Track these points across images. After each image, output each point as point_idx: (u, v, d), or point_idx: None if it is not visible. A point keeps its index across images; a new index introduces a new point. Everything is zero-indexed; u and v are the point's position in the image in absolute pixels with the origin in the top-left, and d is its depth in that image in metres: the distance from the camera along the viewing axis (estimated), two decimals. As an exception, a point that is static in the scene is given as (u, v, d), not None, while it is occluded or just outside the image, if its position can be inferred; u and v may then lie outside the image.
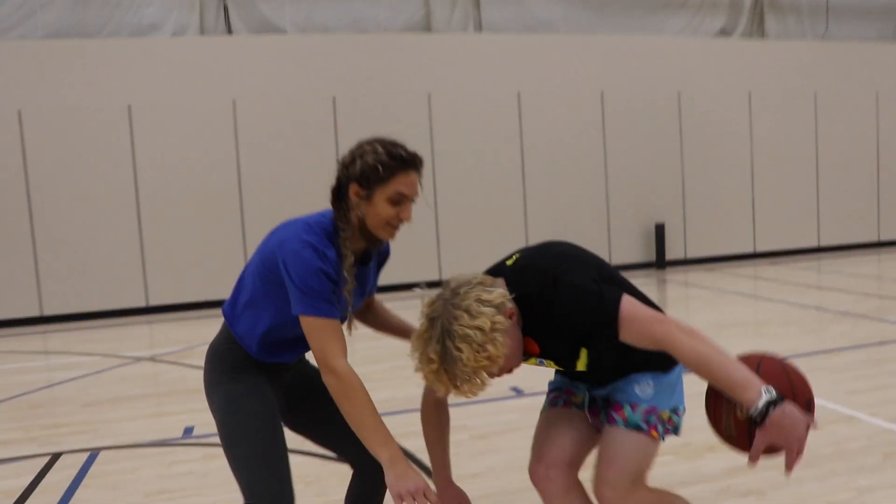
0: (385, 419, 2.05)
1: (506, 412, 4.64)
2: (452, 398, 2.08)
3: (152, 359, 6.74)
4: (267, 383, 2.22)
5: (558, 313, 2.00)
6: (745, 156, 11.83)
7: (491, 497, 3.37)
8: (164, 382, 5.88)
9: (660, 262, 11.23)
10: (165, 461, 4.04)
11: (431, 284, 9.93)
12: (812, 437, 3.56)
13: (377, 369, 5.86)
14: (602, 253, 11.04)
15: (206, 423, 4.68)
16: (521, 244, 6.83)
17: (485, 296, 1.91)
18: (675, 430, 2.31)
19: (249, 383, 2.18)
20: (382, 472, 1.97)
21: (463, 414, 4.49)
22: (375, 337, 2.75)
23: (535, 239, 9.88)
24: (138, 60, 9.37)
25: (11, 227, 8.93)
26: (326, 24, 11.45)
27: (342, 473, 3.76)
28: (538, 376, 5.11)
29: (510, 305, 1.97)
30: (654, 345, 1.95)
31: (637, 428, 2.20)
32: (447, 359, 1.86)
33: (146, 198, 9.25)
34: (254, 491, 2.06)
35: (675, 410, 2.29)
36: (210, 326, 7.79)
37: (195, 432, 4.49)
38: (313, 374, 2.34)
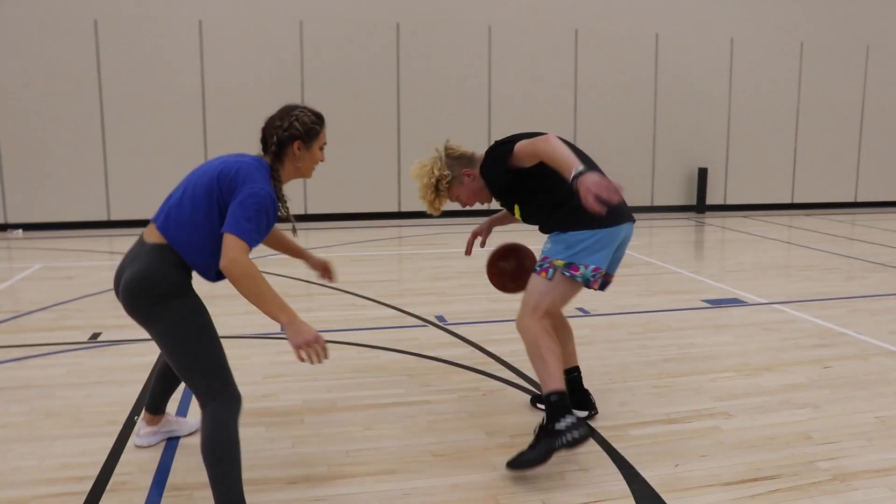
0: (460, 328, 2.54)
1: (577, 329, 5.16)
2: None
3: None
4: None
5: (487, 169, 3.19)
6: (792, 106, 12.04)
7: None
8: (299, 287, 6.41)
9: (700, 205, 11.61)
10: (272, 351, 4.58)
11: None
12: (861, 367, 4.10)
13: (447, 285, 6.40)
14: (645, 194, 11.45)
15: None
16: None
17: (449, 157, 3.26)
18: (584, 281, 3.09)
19: (195, 300, 2.65)
20: None
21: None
22: (442, 257, 3.25)
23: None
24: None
25: (85, 135, 9.40)
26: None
27: (439, 369, 4.32)
28: (599, 301, 5.65)
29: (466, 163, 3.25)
30: (530, 156, 2.95)
31: (536, 271, 3.15)
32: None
33: (212, 113, 9.67)
34: (211, 378, 2.55)
35: (570, 265, 3.07)
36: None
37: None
38: None
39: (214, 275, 2.63)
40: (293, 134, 2.68)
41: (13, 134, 9.21)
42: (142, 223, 10.05)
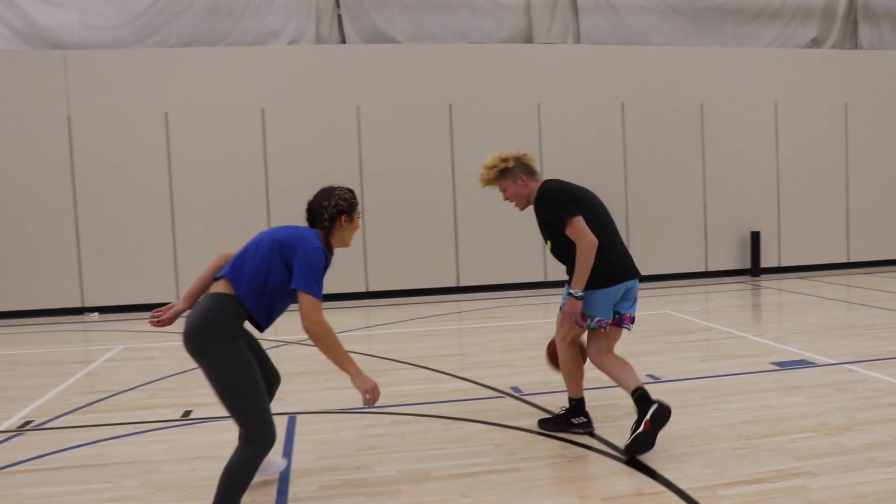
0: (536, 398, 2.74)
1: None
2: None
3: (301, 343, 7.56)
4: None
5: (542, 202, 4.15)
6: (840, 166, 12.18)
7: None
8: (318, 361, 6.64)
9: (755, 269, 11.67)
10: (359, 425, 4.79)
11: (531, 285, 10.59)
12: (888, 420, 4.11)
13: (517, 357, 6.61)
14: (699, 260, 11.58)
15: (387, 396, 5.47)
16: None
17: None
18: (592, 328, 4.20)
19: (241, 346, 3.18)
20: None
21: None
22: (508, 329, 3.46)
23: (627, 238, 10.46)
24: (267, 67, 10.31)
25: (154, 219, 9.96)
26: (434, 34, 12.27)
27: (522, 438, 4.48)
28: (668, 367, 5.73)
29: (528, 172, 4.26)
30: (573, 236, 3.98)
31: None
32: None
33: (275, 199, 10.19)
34: (254, 421, 3.17)
35: (592, 316, 4.14)
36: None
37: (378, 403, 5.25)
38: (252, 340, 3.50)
39: (261, 318, 3.28)
40: (340, 209, 3.42)
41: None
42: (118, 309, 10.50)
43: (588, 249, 3.95)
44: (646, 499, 3.52)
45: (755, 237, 11.62)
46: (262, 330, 3.34)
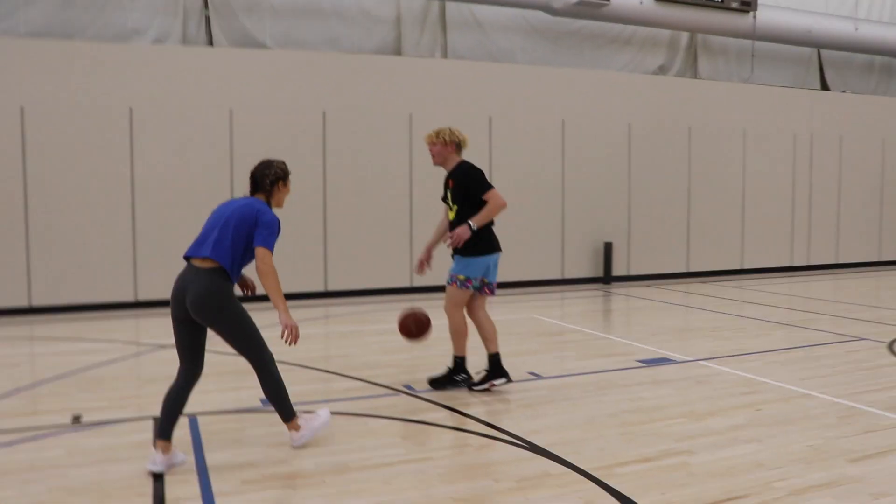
0: (430, 394, 3.10)
1: (536, 390, 5.75)
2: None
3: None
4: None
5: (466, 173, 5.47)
6: (684, 184, 13.45)
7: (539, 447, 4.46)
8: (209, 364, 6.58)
9: (606, 277, 12.63)
10: (264, 423, 4.86)
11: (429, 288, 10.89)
12: (785, 408, 4.90)
13: (401, 358, 6.86)
14: (556, 267, 12.37)
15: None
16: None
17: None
18: (470, 287, 5.46)
19: (238, 302, 4.14)
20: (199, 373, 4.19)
21: (513, 388, 5.59)
22: (385, 332, 3.83)
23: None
24: (135, 64, 9.97)
25: (5, 220, 9.33)
26: (304, 40, 12.33)
27: (427, 431, 4.72)
28: (547, 366, 6.24)
29: (455, 145, 5.58)
30: (491, 198, 5.38)
31: (448, 284, 5.52)
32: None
33: (141, 197, 9.85)
34: (264, 361, 4.21)
35: (467, 278, 5.42)
36: None
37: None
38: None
39: (237, 278, 4.19)
40: (278, 176, 4.33)
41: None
42: (67, 308, 9.94)
43: (499, 208, 5.38)
44: (552, 479, 3.90)
45: (608, 247, 12.58)
46: (244, 290, 4.44)
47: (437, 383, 5.70)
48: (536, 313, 9.61)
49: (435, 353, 6.75)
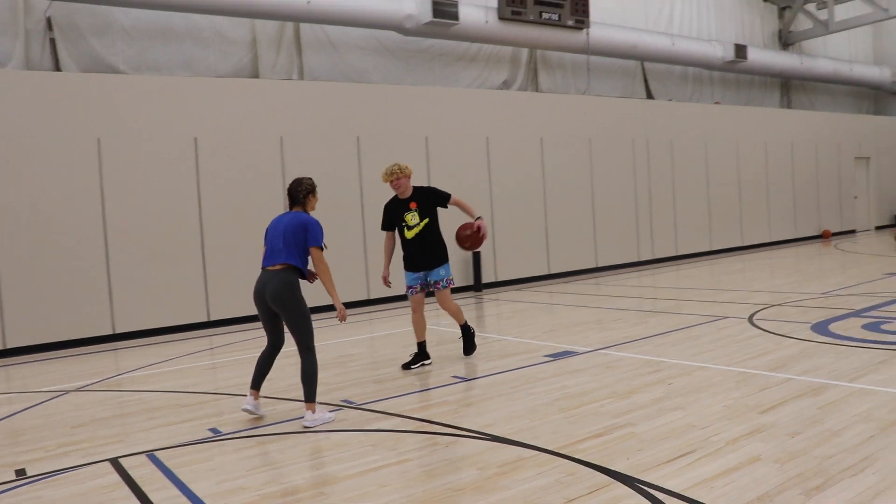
0: (374, 405, 3.59)
1: (468, 391, 6.20)
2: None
3: (80, 390, 7.14)
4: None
5: (429, 191, 7.17)
6: (540, 191, 14.46)
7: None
8: (127, 403, 6.46)
9: (477, 285, 13.34)
10: (228, 450, 4.94)
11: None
12: (690, 380, 5.73)
13: (325, 375, 7.07)
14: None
15: (230, 423, 5.64)
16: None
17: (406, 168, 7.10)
18: (452, 283, 7.20)
19: (303, 298, 5.44)
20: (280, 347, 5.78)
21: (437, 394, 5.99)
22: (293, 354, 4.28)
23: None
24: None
25: None
26: (159, 64, 12.08)
27: (390, 438, 5.05)
28: (469, 368, 6.68)
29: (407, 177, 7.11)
30: (456, 204, 7.22)
31: (444, 287, 7.12)
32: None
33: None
34: (311, 348, 5.42)
35: (450, 278, 7.17)
36: (134, 356, 8.57)
37: (222, 430, 5.42)
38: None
39: (306, 271, 5.56)
40: (308, 190, 5.66)
41: None
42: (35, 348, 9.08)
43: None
44: (528, 461, 4.37)
45: (476, 256, 13.30)
46: (311, 280, 5.70)
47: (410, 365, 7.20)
48: (429, 324, 10.04)
49: (354, 369, 7.02)
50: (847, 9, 24.20)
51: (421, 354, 7.25)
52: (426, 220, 7.02)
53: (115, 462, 4.83)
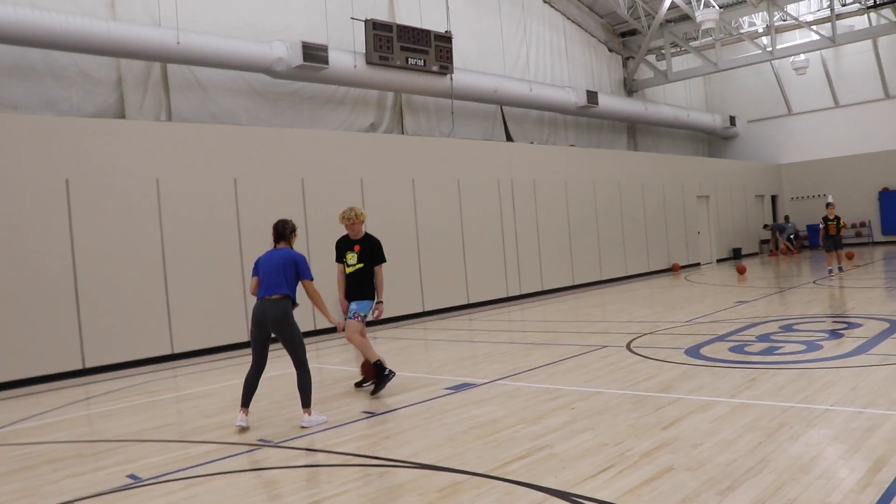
0: (292, 442, 3.96)
1: (380, 424, 6.43)
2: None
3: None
4: None
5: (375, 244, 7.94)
6: (412, 231, 14.92)
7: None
8: (20, 458, 6.14)
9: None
10: (154, 495, 4.90)
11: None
12: (591, 403, 6.57)
13: (225, 419, 7.05)
14: (309, 320, 12.96)
15: (148, 468, 5.56)
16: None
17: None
18: (364, 319, 7.87)
19: (295, 321, 6.56)
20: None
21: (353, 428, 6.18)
22: (189, 398, 4.58)
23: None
24: None
25: None
26: (17, 102, 11.57)
27: (323, 472, 5.20)
28: (374, 405, 6.97)
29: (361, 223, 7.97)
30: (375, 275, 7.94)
31: (351, 318, 7.81)
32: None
33: None
34: (305, 363, 6.52)
35: (361, 314, 7.80)
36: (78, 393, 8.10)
37: (141, 475, 5.35)
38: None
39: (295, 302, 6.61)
40: (293, 229, 6.78)
41: None
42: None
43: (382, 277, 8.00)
44: (464, 484, 4.68)
45: (358, 296, 13.51)
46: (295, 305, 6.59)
47: (377, 388, 7.70)
48: (318, 363, 10.15)
49: (260, 409, 7.07)
50: (683, 61, 26.75)
51: (379, 370, 7.86)
52: (361, 265, 7.80)
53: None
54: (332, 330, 12.61)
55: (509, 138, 20.29)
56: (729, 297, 14.64)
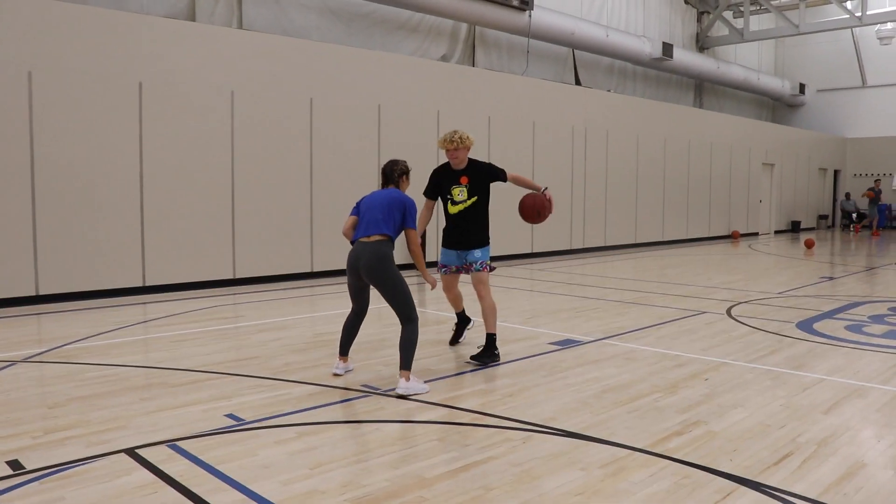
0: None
1: (496, 378, 5.78)
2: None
3: (28, 361, 6.15)
4: None
5: (485, 167, 6.40)
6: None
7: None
8: (102, 380, 5.57)
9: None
10: (269, 442, 4.27)
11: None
12: (725, 375, 5.76)
13: (321, 355, 6.43)
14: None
15: (246, 408, 4.95)
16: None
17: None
18: (488, 268, 6.35)
19: (397, 268, 5.44)
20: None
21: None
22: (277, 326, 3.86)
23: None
24: None
25: None
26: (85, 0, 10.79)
27: (451, 430, 4.57)
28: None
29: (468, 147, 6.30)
30: (515, 181, 6.63)
31: (478, 270, 6.30)
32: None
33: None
34: (411, 317, 5.36)
35: (487, 263, 6.33)
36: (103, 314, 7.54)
37: (243, 416, 4.74)
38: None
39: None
40: (402, 171, 5.72)
41: None
42: None
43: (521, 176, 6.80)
44: (626, 461, 4.01)
45: (423, 233, 12.80)
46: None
47: (482, 357, 6.34)
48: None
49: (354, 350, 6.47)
50: (759, 20, 25.36)
51: (462, 321, 7.00)
52: (474, 199, 6.28)
53: (133, 453, 4.08)
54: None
55: (578, 83, 19.28)
56: (809, 271, 13.81)
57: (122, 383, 5.56)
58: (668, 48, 20.44)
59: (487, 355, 6.28)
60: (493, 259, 7.26)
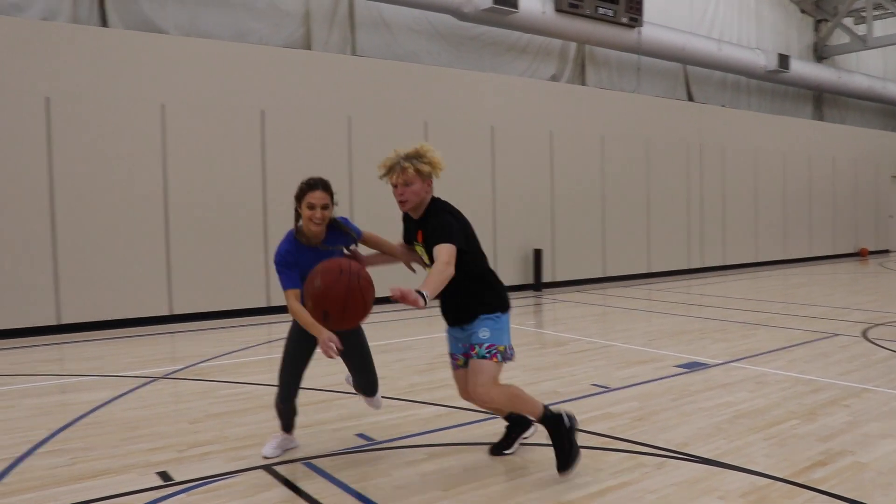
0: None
1: (621, 403, 5.68)
2: None
3: (168, 377, 6.50)
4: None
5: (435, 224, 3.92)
6: (599, 191, 14.00)
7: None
8: (233, 398, 5.83)
9: (537, 284, 12.84)
10: (396, 462, 4.36)
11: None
12: (866, 404, 5.07)
13: (439, 377, 6.51)
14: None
15: (375, 428, 5.06)
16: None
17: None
18: (510, 359, 4.02)
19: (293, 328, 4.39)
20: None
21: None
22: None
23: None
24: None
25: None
26: (209, 31, 11.40)
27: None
28: (603, 378, 6.16)
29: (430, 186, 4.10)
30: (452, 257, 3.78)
31: (484, 357, 3.91)
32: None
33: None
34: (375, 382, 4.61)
35: (493, 345, 3.93)
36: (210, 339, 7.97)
37: (373, 436, 4.84)
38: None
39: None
40: (295, 197, 4.17)
41: None
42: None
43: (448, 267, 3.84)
44: (769, 489, 3.84)
45: (537, 254, 12.79)
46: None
47: (563, 463, 4.06)
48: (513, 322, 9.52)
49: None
50: (884, 25, 24.13)
51: (515, 424, 4.53)
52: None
53: (270, 470, 4.24)
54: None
55: (691, 99, 18.84)
56: (951, 290, 12.95)
57: (254, 401, 5.79)
58: (784, 59, 19.68)
59: (565, 451, 4.02)
60: (588, 284, 7.03)
